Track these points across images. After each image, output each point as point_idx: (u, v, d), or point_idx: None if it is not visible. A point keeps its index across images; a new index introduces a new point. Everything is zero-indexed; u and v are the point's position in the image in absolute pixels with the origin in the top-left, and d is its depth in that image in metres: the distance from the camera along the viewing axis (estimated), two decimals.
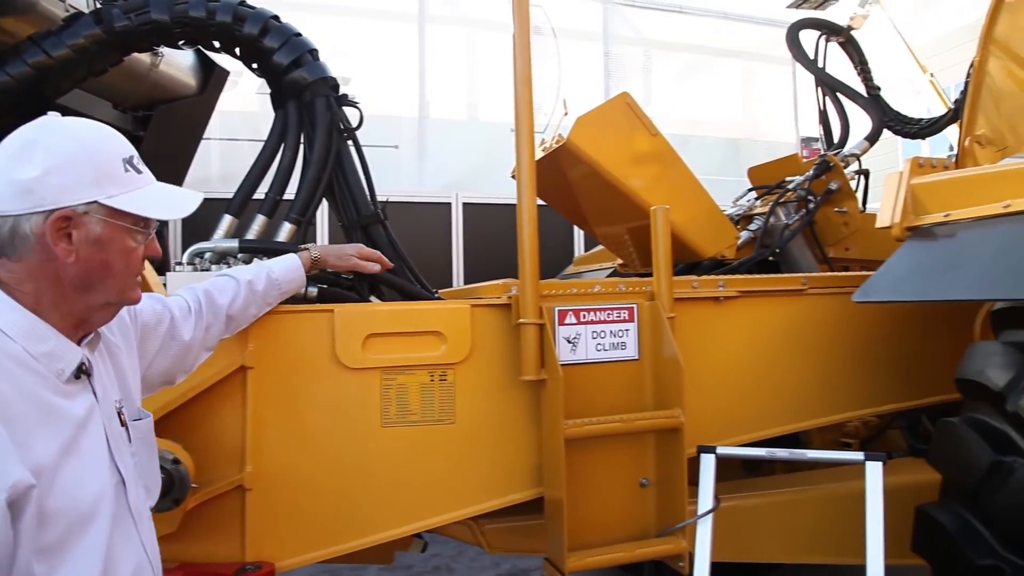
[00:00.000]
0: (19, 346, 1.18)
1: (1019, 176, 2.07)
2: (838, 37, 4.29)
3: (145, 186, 1.31)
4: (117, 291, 1.30)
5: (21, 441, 1.11)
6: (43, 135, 1.22)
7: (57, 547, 1.14)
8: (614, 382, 2.26)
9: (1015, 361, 2.00)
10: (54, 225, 1.19)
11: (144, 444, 1.46)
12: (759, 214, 3.42)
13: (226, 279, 1.93)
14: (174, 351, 1.72)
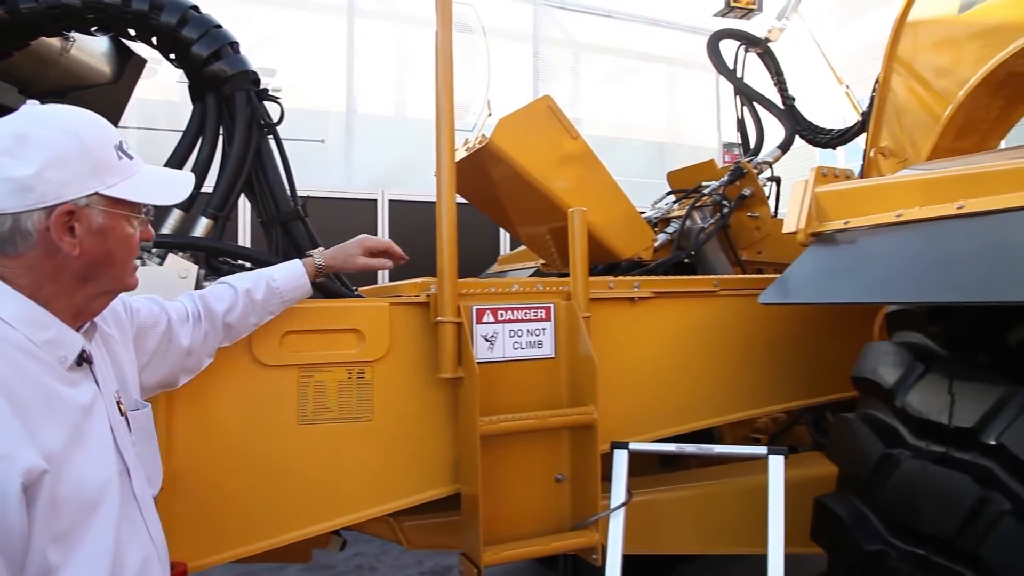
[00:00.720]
0: (21, 334, 1.18)
1: (910, 187, 2.21)
2: (756, 48, 4.46)
3: (139, 171, 1.32)
4: (118, 279, 1.32)
5: (31, 428, 1.11)
6: (33, 128, 1.21)
7: (69, 533, 1.15)
8: (530, 380, 2.31)
9: (904, 360, 2.13)
10: (58, 220, 1.19)
11: (144, 434, 1.47)
12: (676, 217, 3.53)
13: (224, 287, 1.91)
14: (172, 354, 1.72)
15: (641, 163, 8.16)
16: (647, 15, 8.95)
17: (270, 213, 2.43)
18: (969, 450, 1.85)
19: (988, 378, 1.88)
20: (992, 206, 1.89)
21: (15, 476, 1.05)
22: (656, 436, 2.58)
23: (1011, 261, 1.77)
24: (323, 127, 7.43)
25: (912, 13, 3.29)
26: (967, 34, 3.02)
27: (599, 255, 2.98)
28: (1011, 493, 1.72)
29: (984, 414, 1.82)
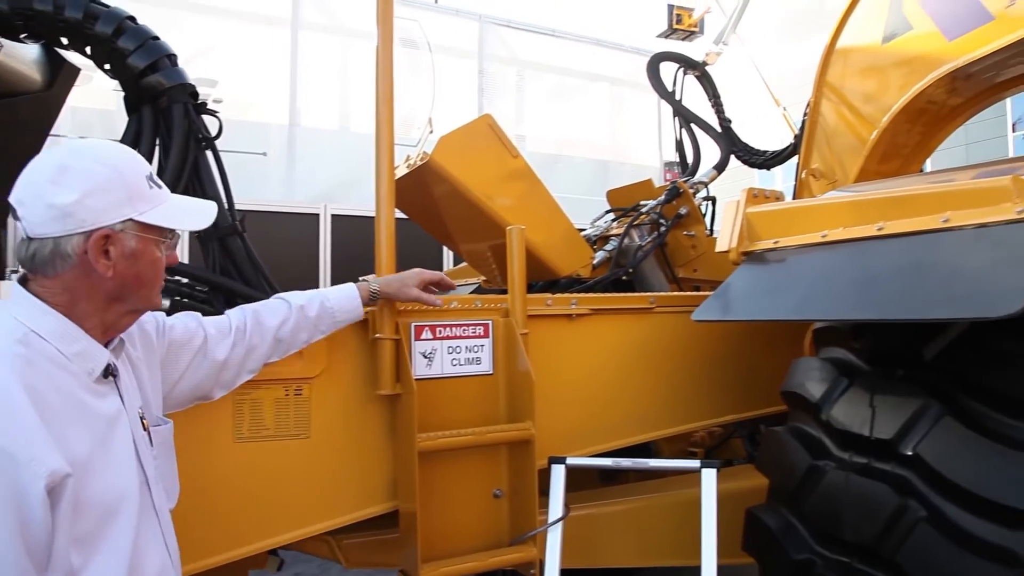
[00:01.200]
0: (52, 346, 1.27)
1: (835, 209, 2.30)
2: (694, 71, 4.58)
3: (167, 199, 1.42)
4: (145, 299, 1.41)
5: (58, 434, 1.19)
6: (74, 159, 1.31)
7: (90, 537, 1.22)
8: (469, 396, 2.32)
9: (830, 375, 2.21)
10: (96, 244, 1.29)
11: (164, 449, 1.55)
12: (615, 235, 3.59)
13: (279, 301, 1.96)
14: (206, 368, 1.77)
15: (585, 180, 8.26)
16: (592, 35, 9.09)
17: (207, 228, 2.40)
18: (888, 460, 1.93)
19: (906, 391, 1.97)
20: (908, 228, 1.99)
21: (40, 478, 1.12)
22: (594, 451, 2.61)
23: (925, 281, 1.86)
24: (265, 140, 7.34)
25: (841, 41, 3.43)
26: (890, 63, 3.17)
27: (538, 272, 3.02)
28: (926, 501, 1.80)
29: (902, 426, 1.91)
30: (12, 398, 1.16)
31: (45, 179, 1.28)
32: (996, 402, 1.78)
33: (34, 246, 1.28)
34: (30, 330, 1.26)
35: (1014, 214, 1.75)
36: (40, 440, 1.15)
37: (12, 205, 1.30)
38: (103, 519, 1.26)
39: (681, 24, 5.64)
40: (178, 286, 2.34)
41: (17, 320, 1.27)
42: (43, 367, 1.24)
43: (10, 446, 1.12)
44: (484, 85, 8.11)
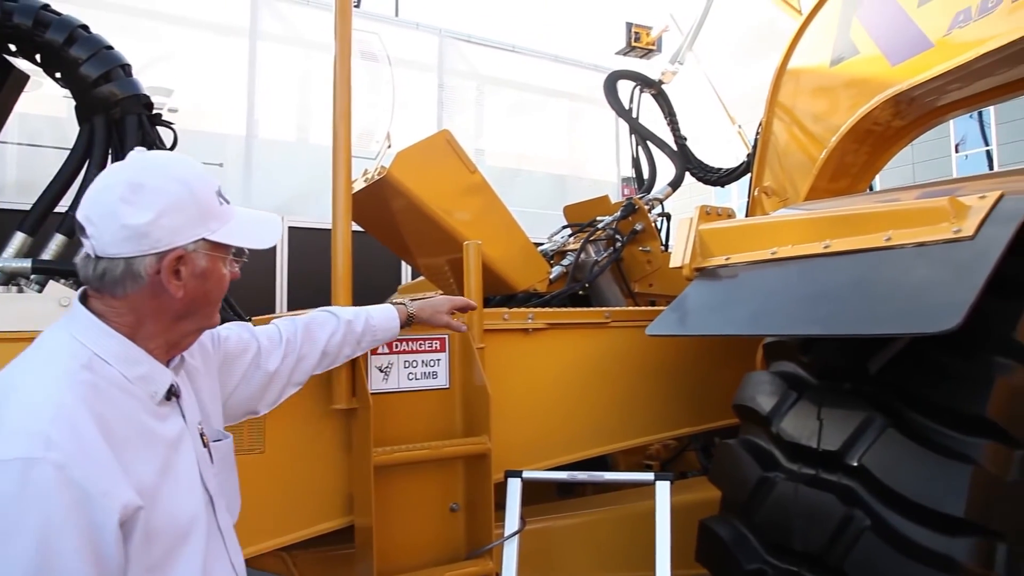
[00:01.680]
0: (116, 370, 1.23)
1: (784, 227, 2.37)
2: (651, 89, 4.65)
3: (235, 215, 1.38)
4: (209, 316, 1.39)
5: (126, 464, 1.16)
6: (147, 176, 1.27)
7: (161, 564, 1.20)
8: (425, 410, 2.33)
9: (779, 389, 2.26)
10: (169, 265, 1.25)
11: (225, 464, 1.51)
12: (571, 250, 3.63)
13: (327, 315, 1.96)
14: (257, 380, 1.74)
15: (543, 194, 8.30)
16: (551, 52, 9.18)
17: None
18: (835, 471, 1.98)
19: (852, 404, 2.03)
20: (853, 246, 2.06)
21: (113, 512, 1.09)
22: (551, 464, 2.63)
23: (867, 297, 1.93)
24: (222, 150, 7.24)
25: (792, 62, 3.53)
26: (838, 85, 3.27)
27: (495, 286, 3.03)
28: (871, 510, 1.86)
29: (848, 438, 1.96)
30: (83, 429, 1.12)
31: (116, 197, 1.23)
32: (936, 414, 1.84)
33: (103, 265, 1.23)
34: (94, 354, 1.22)
35: (951, 233, 1.82)
36: (111, 473, 1.12)
37: (79, 222, 1.26)
38: (173, 545, 1.23)
39: (639, 42, 5.71)
40: None
41: (80, 343, 1.23)
42: (109, 394, 1.20)
43: (83, 480, 1.07)
44: (444, 99, 8.12)
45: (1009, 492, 1.73)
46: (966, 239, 1.80)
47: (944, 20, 2.72)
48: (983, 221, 1.80)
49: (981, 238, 1.78)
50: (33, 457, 1.05)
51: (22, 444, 1.06)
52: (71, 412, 1.12)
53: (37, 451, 1.05)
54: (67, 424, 1.10)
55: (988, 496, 1.71)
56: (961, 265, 1.76)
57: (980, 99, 3.18)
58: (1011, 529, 1.73)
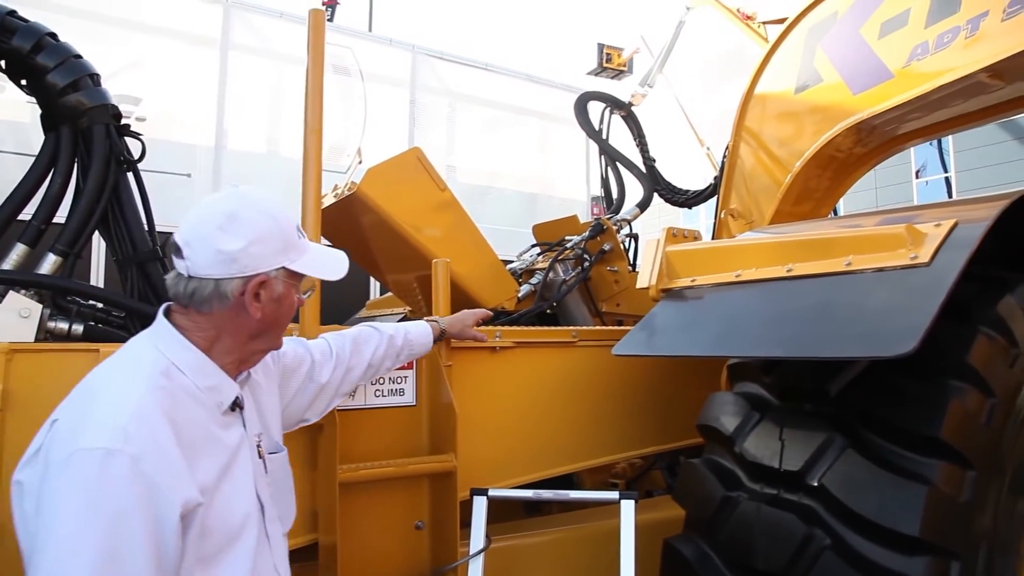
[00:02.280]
0: (189, 380, 1.38)
1: (748, 250, 2.41)
2: (620, 111, 4.71)
3: (310, 249, 1.55)
4: (277, 337, 1.55)
5: (191, 464, 1.29)
6: (242, 209, 1.43)
7: (212, 558, 1.32)
8: (392, 427, 2.32)
9: (742, 409, 2.29)
10: (253, 288, 1.42)
11: (280, 475, 1.65)
12: (540, 269, 3.65)
13: (371, 329, 2.12)
14: (310, 392, 1.90)
15: (514, 212, 8.32)
16: (523, 71, 9.24)
17: (126, 252, 2.35)
18: (796, 491, 2.01)
19: (812, 425, 2.07)
20: (814, 270, 2.10)
21: (176, 506, 1.22)
22: (517, 482, 2.63)
23: (828, 320, 1.97)
24: (190, 161, 7.16)
25: (758, 87, 3.61)
26: (802, 112, 3.35)
27: (464, 304, 3.03)
28: (831, 530, 1.88)
29: (808, 458, 2.00)
30: (157, 429, 1.25)
31: (215, 225, 1.39)
32: (893, 435, 1.88)
33: (194, 284, 1.39)
34: (172, 363, 1.37)
35: (908, 260, 1.87)
36: (178, 470, 1.25)
37: (177, 244, 1.41)
38: (225, 541, 1.35)
39: (611, 63, 5.80)
40: (93, 311, 2.27)
41: (161, 353, 1.38)
42: (181, 400, 1.34)
43: (153, 474, 1.20)
44: (416, 115, 8.11)
45: (962, 512, 1.78)
46: (922, 265, 1.85)
47: (903, 52, 2.81)
48: (938, 248, 1.86)
49: (936, 264, 1.83)
50: (113, 448, 1.18)
51: (105, 436, 1.19)
52: (149, 413, 1.26)
53: (117, 443, 1.19)
54: (144, 423, 1.24)
55: (943, 516, 1.75)
56: (917, 290, 1.80)
57: (939, 128, 3.27)
58: (964, 548, 1.77)
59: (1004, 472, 1.89)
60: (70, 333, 2.13)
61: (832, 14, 3.21)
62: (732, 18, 4.26)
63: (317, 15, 2.35)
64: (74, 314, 2.18)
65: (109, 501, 1.16)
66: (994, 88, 2.74)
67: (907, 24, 2.82)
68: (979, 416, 1.83)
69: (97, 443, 1.18)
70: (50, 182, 2.29)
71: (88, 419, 1.23)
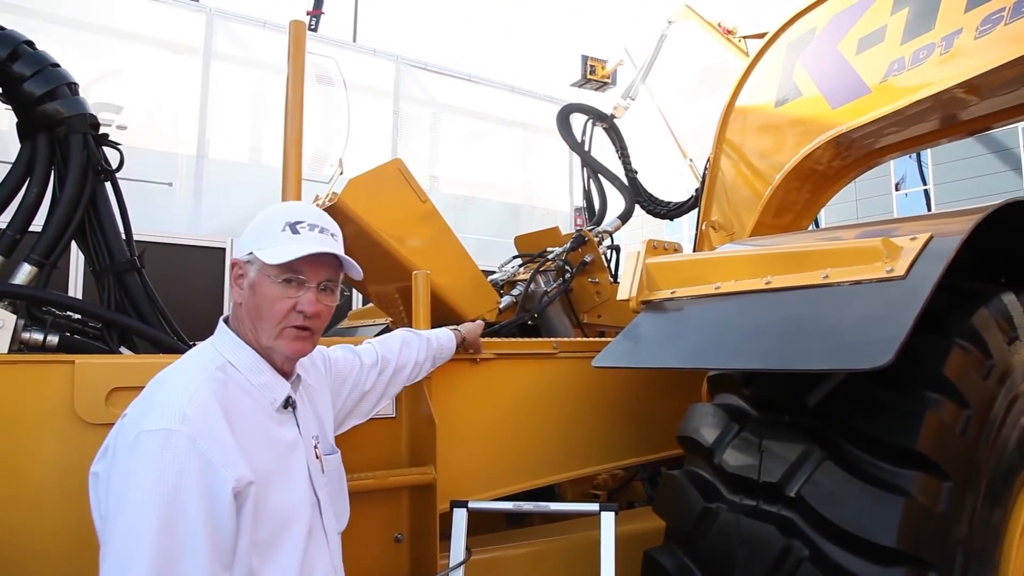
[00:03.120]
0: (244, 376, 1.52)
1: (728, 262, 2.42)
2: (603, 123, 4.74)
3: (298, 242, 1.56)
4: (268, 335, 1.57)
5: (244, 448, 1.40)
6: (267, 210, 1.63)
7: (267, 544, 1.42)
8: (372, 439, 2.31)
9: (722, 421, 2.30)
10: (233, 271, 1.59)
11: (335, 476, 1.77)
12: (521, 280, 3.65)
13: (413, 334, 2.27)
14: (356, 396, 2.02)
15: (496, 222, 8.33)
16: (506, 82, 9.27)
17: (103, 263, 2.33)
18: (775, 503, 2.02)
19: (791, 437, 2.07)
20: (793, 283, 2.12)
21: (229, 481, 1.33)
22: (498, 494, 2.62)
23: (805, 332, 1.98)
24: (171, 169, 7.11)
25: (739, 101, 3.64)
26: (782, 125, 3.38)
27: (445, 315, 3.03)
28: (809, 541, 1.89)
29: (787, 469, 2.00)
30: (211, 414, 1.38)
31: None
32: (870, 446, 1.89)
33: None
34: (228, 361, 1.52)
35: (884, 273, 1.89)
36: (231, 450, 1.37)
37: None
38: (279, 528, 1.45)
39: (594, 75, 5.82)
40: (69, 322, 2.25)
41: (218, 351, 1.55)
42: (234, 393, 1.48)
43: (208, 452, 1.33)
44: (399, 125, 8.11)
45: (939, 522, 1.79)
46: (898, 278, 1.87)
47: (881, 68, 2.85)
48: (914, 261, 1.88)
49: (912, 277, 1.85)
50: (172, 429, 1.32)
51: (166, 418, 1.33)
52: (203, 399, 1.39)
53: (175, 424, 1.32)
54: (200, 407, 1.37)
55: (920, 526, 1.76)
56: (893, 303, 1.82)
57: (916, 142, 3.32)
58: (941, 558, 1.78)
59: (979, 482, 1.90)
60: (45, 344, 2.10)
61: (811, 29, 3.25)
62: (713, 32, 4.30)
63: (298, 27, 2.35)
64: (49, 325, 2.16)
65: (169, 474, 1.28)
66: (969, 103, 2.79)
67: (884, 40, 2.86)
68: (955, 427, 1.84)
69: (159, 425, 1.33)
70: (26, 191, 2.27)
71: (151, 407, 1.38)
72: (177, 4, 7.32)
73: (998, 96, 2.76)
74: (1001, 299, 2.09)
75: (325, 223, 1.64)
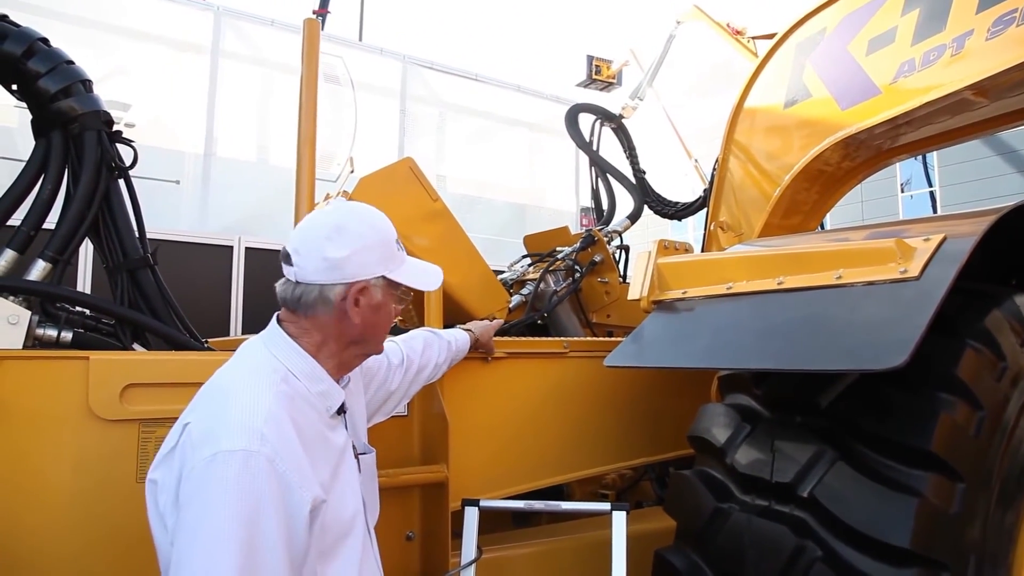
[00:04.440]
0: (303, 385, 1.50)
1: (739, 262, 2.43)
2: (611, 123, 4.74)
3: (407, 262, 1.64)
4: (377, 344, 1.65)
5: (312, 463, 1.40)
6: (349, 221, 1.55)
7: (329, 551, 1.44)
8: (384, 438, 2.29)
9: (733, 421, 2.30)
10: (354, 294, 1.52)
11: (369, 475, 1.77)
12: (531, 280, 3.65)
13: (432, 334, 2.28)
14: (379, 396, 2.03)
15: (503, 222, 8.33)
16: (513, 81, 9.26)
17: (116, 260, 2.33)
18: (787, 503, 2.02)
19: (803, 437, 2.08)
20: (805, 283, 2.12)
21: (306, 503, 1.34)
22: (508, 492, 2.63)
23: (819, 333, 1.98)
24: (179, 168, 7.12)
25: (748, 102, 3.64)
26: (791, 126, 3.38)
27: (455, 314, 3.04)
28: (822, 541, 1.89)
29: (799, 469, 2.00)
30: (286, 432, 1.37)
31: (323, 236, 1.52)
32: (883, 447, 1.89)
33: (301, 289, 1.52)
34: (288, 370, 1.49)
35: (897, 274, 1.89)
36: (305, 470, 1.37)
37: (288, 252, 1.53)
38: (339, 536, 1.47)
39: (600, 75, 5.82)
40: (83, 318, 2.26)
41: (277, 359, 1.50)
42: (299, 404, 1.46)
43: (287, 473, 1.32)
44: (406, 124, 8.12)
45: (952, 523, 1.79)
46: (912, 279, 1.87)
47: (891, 69, 2.84)
48: (928, 262, 1.88)
49: (926, 278, 1.85)
50: (252, 450, 1.30)
51: (244, 439, 1.30)
52: (278, 416, 1.37)
53: (255, 445, 1.30)
54: (276, 426, 1.36)
55: (933, 528, 1.76)
56: (907, 304, 1.82)
57: (925, 144, 3.32)
58: (954, 560, 1.78)
59: (992, 484, 1.90)
60: (59, 340, 2.11)
61: (821, 30, 3.25)
62: (722, 33, 4.29)
63: (312, 25, 2.35)
64: (63, 321, 2.17)
65: (250, 496, 1.27)
66: (979, 105, 2.78)
67: (894, 41, 2.86)
68: (968, 428, 1.84)
69: (239, 445, 1.30)
70: (40, 187, 2.27)
71: (224, 423, 1.34)
72: (185, 3, 7.33)
73: (1008, 98, 2.75)
74: (1014, 301, 2.09)
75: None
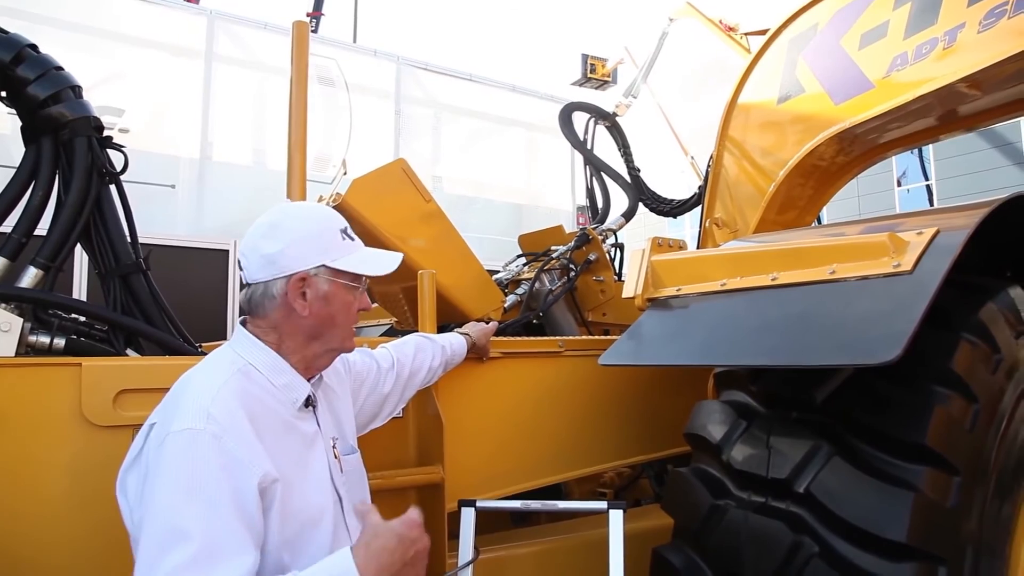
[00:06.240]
0: (264, 377, 1.54)
1: (733, 259, 2.42)
2: (605, 121, 4.74)
3: (358, 250, 1.66)
4: (339, 339, 1.64)
5: (268, 447, 1.43)
6: (283, 218, 1.60)
7: (295, 542, 1.46)
8: (379, 439, 2.29)
9: (729, 418, 2.30)
10: (295, 287, 1.54)
11: (355, 476, 1.80)
12: (526, 279, 3.65)
13: (425, 340, 2.30)
14: (372, 400, 2.05)
15: (499, 222, 8.32)
16: (507, 81, 9.26)
17: (108, 265, 2.33)
18: (784, 499, 2.01)
19: (799, 433, 2.07)
20: (799, 279, 2.11)
21: (255, 476, 1.37)
22: (505, 492, 2.62)
23: (812, 328, 1.98)
24: (174, 172, 7.11)
25: (741, 98, 3.63)
26: (785, 121, 3.38)
27: (450, 315, 3.03)
28: (819, 537, 1.89)
29: (795, 466, 2.00)
30: (235, 413, 1.41)
31: (260, 235, 1.57)
32: (878, 442, 1.89)
33: (250, 290, 1.58)
34: (248, 363, 1.54)
35: (891, 268, 1.89)
36: (253, 448, 1.40)
37: (239, 258, 1.60)
38: (305, 527, 1.48)
39: (595, 74, 5.82)
40: (75, 324, 2.25)
41: (238, 354, 1.56)
42: (257, 394, 1.50)
43: (235, 451, 1.36)
44: (401, 126, 8.11)
45: (949, 517, 1.79)
46: (905, 273, 1.86)
47: (883, 63, 2.84)
48: (921, 256, 1.87)
49: (919, 272, 1.84)
50: (198, 428, 1.35)
51: (190, 418, 1.37)
52: (226, 399, 1.42)
53: (200, 423, 1.36)
54: (223, 407, 1.40)
55: (929, 521, 1.75)
56: (901, 298, 1.82)
57: (919, 137, 3.31)
58: (951, 553, 1.78)
59: (988, 477, 1.90)
60: (51, 347, 2.10)
61: (813, 25, 3.24)
62: (714, 29, 4.29)
63: (301, 27, 2.34)
64: (55, 328, 2.16)
65: (197, 471, 1.32)
66: (972, 98, 2.78)
67: (886, 35, 2.85)
68: (963, 422, 1.84)
69: (184, 425, 1.36)
70: (31, 194, 2.27)
71: (176, 409, 1.40)
72: (178, 7, 7.32)
73: (1001, 91, 2.75)
74: (1008, 293, 2.09)
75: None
